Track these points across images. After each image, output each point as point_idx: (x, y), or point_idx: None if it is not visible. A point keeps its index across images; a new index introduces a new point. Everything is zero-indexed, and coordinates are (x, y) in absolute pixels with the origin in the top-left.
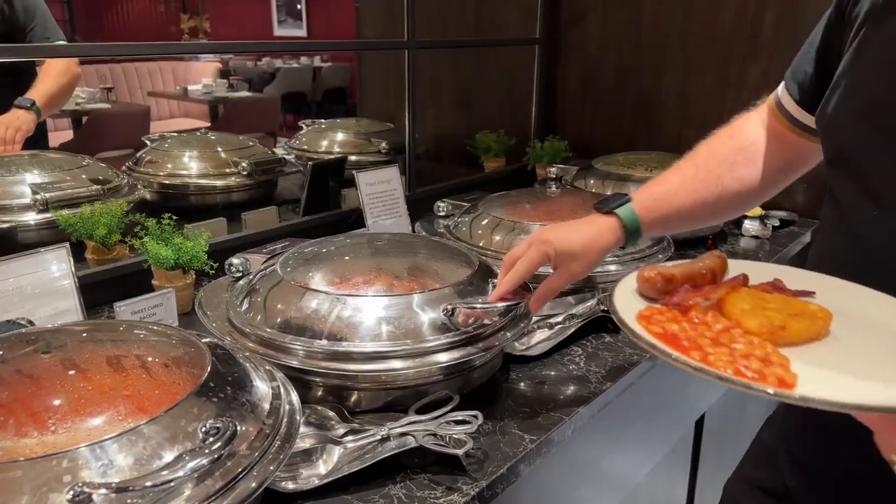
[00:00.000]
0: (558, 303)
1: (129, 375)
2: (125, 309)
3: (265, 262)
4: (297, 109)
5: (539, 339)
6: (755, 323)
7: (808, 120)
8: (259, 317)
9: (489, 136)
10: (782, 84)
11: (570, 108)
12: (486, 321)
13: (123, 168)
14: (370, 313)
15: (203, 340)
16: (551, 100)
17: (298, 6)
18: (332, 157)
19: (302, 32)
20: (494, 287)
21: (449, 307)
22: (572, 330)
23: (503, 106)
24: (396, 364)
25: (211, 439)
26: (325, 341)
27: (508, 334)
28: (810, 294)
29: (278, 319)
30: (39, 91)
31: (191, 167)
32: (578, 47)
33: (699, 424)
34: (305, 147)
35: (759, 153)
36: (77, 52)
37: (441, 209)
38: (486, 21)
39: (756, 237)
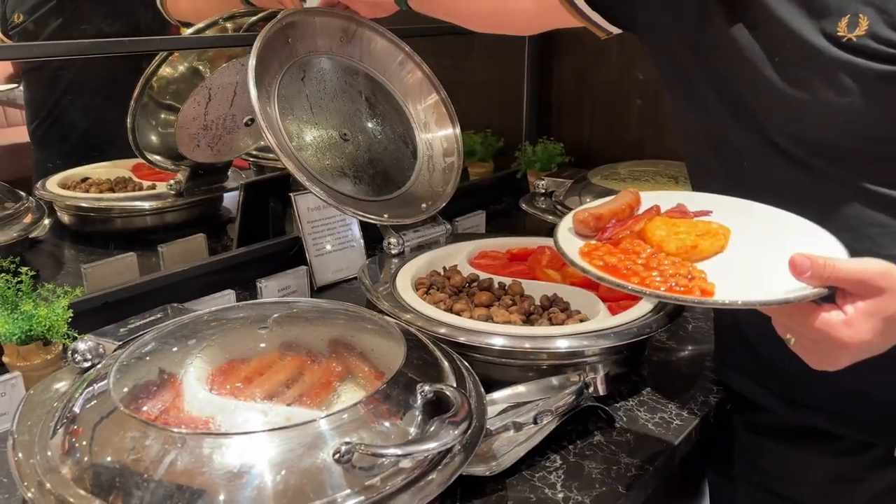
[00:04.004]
0: (533, 387)
1: None
2: None
3: (115, 350)
4: None
5: (500, 446)
6: (673, 246)
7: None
8: (72, 459)
9: (474, 136)
10: None
11: (566, 106)
12: (407, 463)
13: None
14: (227, 461)
15: None
16: (545, 96)
17: None
18: (272, 174)
19: None
20: (417, 397)
21: (342, 448)
22: (546, 433)
23: (491, 102)
24: None
25: None
26: None
27: (437, 481)
28: (708, 213)
29: (91, 469)
30: None
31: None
32: (575, 34)
33: None
34: (258, 153)
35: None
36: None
37: (393, 246)
38: None
39: None
